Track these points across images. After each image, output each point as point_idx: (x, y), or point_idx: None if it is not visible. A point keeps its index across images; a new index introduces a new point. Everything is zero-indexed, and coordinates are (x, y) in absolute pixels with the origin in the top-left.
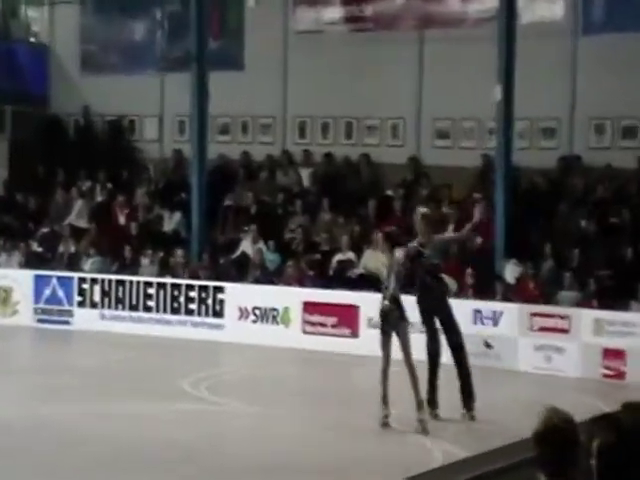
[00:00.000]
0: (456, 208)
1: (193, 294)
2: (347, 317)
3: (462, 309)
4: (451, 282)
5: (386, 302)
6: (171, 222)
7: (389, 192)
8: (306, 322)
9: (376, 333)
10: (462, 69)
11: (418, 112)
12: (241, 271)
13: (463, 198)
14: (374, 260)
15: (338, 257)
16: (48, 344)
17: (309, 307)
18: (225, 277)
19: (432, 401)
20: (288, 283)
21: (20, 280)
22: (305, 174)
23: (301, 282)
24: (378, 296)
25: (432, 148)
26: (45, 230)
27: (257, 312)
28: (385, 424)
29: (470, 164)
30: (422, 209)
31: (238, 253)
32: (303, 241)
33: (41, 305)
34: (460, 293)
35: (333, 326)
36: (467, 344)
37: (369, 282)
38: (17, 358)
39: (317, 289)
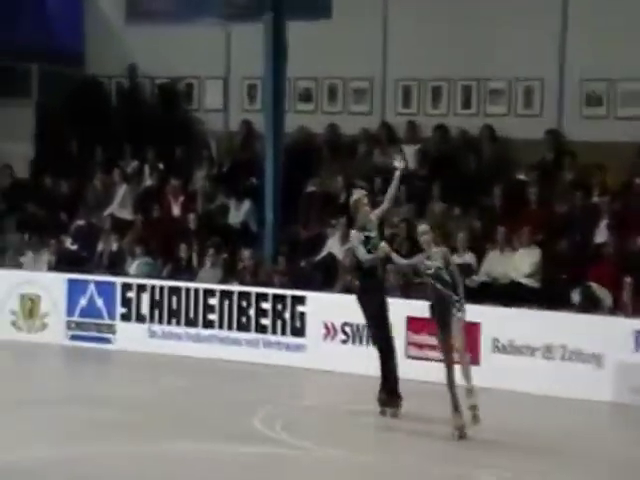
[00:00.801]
0: (610, 197)
1: (266, 306)
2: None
3: (618, 330)
4: (604, 293)
5: None
6: (238, 214)
7: (521, 176)
8: (411, 344)
9: (503, 359)
10: (620, 16)
11: (560, 71)
12: (327, 277)
13: (621, 184)
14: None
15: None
16: (84, 367)
17: (415, 324)
18: (307, 284)
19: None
20: (388, 293)
21: (50, 286)
22: (410, 152)
23: (405, 292)
24: (505, 311)
25: (579, 118)
26: (80, 223)
27: (347, 330)
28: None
29: (631, 139)
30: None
31: (323, 254)
32: (407, 239)
33: (75, 318)
34: (615, 309)
35: None
36: (627, 376)
37: (494, 292)
38: (46, 385)
39: (426, 301)
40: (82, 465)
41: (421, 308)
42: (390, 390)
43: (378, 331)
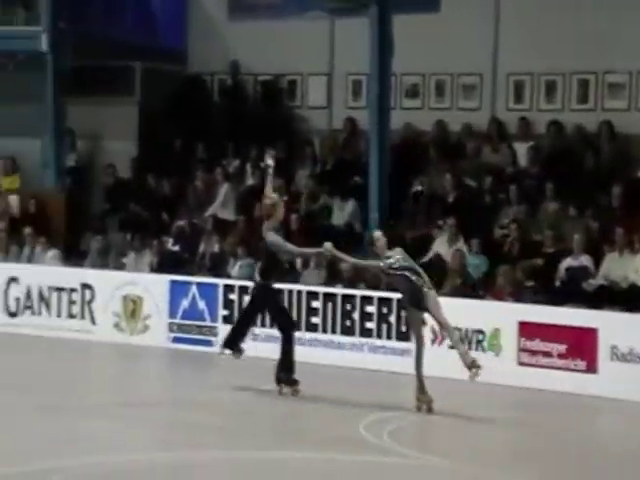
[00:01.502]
0: None
1: (371, 309)
2: (581, 344)
3: None
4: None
5: None
6: (342, 214)
7: None
8: (523, 350)
9: (622, 368)
10: None
11: None
12: (434, 279)
13: None
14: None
15: (568, 263)
16: (185, 370)
17: (527, 329)
18: None
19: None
20: (498, 297)
21: (152, 288)
22: (522, 150)
23: (516, 296)
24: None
25: None
26: (182, 223)
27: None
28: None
29: None
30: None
31: (430, 255)
32: (519, 240)
33: (177, 320)
34: None
35: (561, 356)
36: None
37: (613, 296)
38: (147, 387)
39: (538, 305)
40: (181, 470)
41: (535, 312)
42: (289, 369)
43: (287, 317)
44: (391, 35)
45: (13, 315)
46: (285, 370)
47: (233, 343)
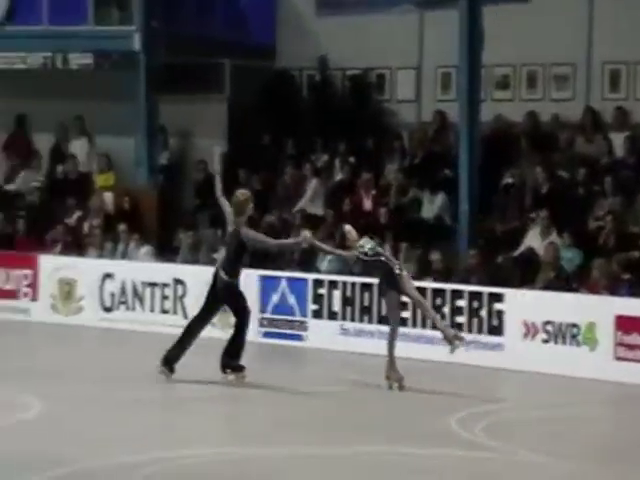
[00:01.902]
0: None
1: (462, 303)
2: None
3: None
4: None
5: None
6: (432, 207)
7: None
8: (620, 344)
9: None
10: None
11: None
12: (526, 273)
13: None
14: None
15: None
16: (276, 365)
17: (624, 323)
18: (505, 281)
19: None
20: (593, 290)
21: (242, 283)
22: (618, 140)
23: (612, 289)
24: None
25: None
26: (271, 218)
27: (549, 329)
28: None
29: None
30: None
31: (522, 249)
32: (615, 232)
33: (267, 315)
34: None
35: None
36: None
37: None
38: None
39: (636, 299)
40: (275, 465)
41: (632, 306)
42: (235, 355)
43: (245, 305)
44: (481, 26)
45: (108, 310)
46: (231, 356)
47: (175, 360)
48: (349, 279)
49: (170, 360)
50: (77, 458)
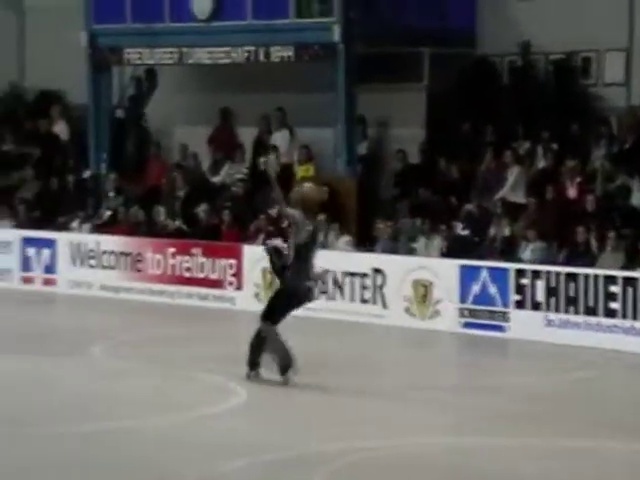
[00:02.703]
0: None
1: None
2: None
3: None
4: None
5: None
6: None
7: None
8: None
9: None
10: None
11: None
12: None
13: None
14: None
15: None
16: (476, 355)
17: None
18: None
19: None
20: None
21: (442, 273)
22: None
23: None
24: None
25: None
26: (471, 207)
27: None
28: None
29: None
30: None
31: None
32: None
33: (468, 305)
34: None
35: None
36: None
37: None
38: (438, 372)
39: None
40: (473, 455)
41: None
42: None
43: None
44: None
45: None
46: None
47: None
48: (553, 269)
49: (286, 367)
50: (280, 445)
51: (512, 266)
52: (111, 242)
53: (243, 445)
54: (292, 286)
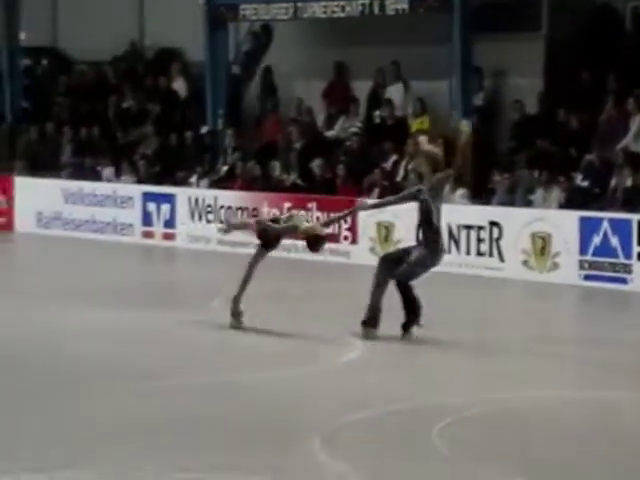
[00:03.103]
0: None
1: None
2: None
3: None
4: None
5: None
6: None
7: None
8: None
9: None
10: None
11: None
12: None
13: None
14: None
15: None
16: (598, 308)
17: None
18: None
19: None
20: None
21: (561, 224)
22: None
23: None
24: None
25: None
26: (591, 157)
27: None
28: None
29: None
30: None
31: None
32: None
33: (588, 257)
34: None
35: None
36: None
37: None
38: (559, 325)
39: None
40: (591, 409)
41: None
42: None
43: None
44: None
45: None
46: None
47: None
48: None
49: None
50: (402, 397)
51: (635, 217)
52: (228, 197)
53: (364, 398)
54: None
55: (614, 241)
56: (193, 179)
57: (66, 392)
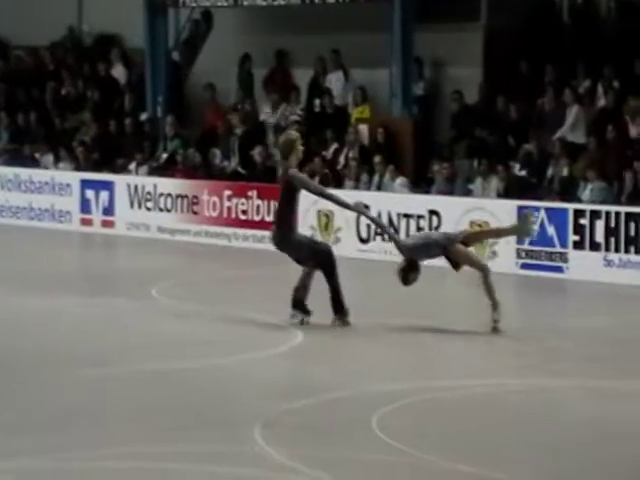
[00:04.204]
0: None
1: None
2: None
3: None
4: None
5: None
6: None
7: None
8: None
9: None
10: None
11: None
12: None
13: None
14: None
15: None
16: (535, 297)
17: None
18: None
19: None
20: None
21: (499, 213)
22: None
23: None
24: None
25: None
26: (529, 147)
27: None
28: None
29: None
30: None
31: None
32: None
33: (525, 246)
34: None
35: None
36: None
37: None
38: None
39: None
40: (533, 397)
41: None
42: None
43: (322, 248)
44: None
45: (364, 242)
46: (336, 303)
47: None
48: (612, 208)
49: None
50: (333, 386)
51: (571, 206)
52: (168, 184)
53: (303, 385)
54: None
55: (551, 230)
56: (132, 166)
57: (1, 380)
